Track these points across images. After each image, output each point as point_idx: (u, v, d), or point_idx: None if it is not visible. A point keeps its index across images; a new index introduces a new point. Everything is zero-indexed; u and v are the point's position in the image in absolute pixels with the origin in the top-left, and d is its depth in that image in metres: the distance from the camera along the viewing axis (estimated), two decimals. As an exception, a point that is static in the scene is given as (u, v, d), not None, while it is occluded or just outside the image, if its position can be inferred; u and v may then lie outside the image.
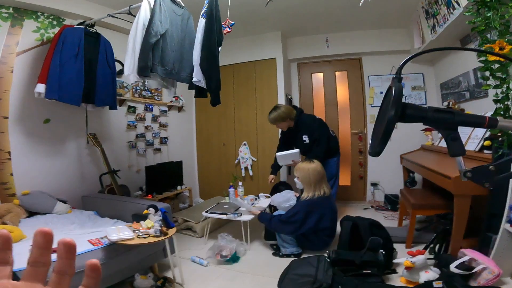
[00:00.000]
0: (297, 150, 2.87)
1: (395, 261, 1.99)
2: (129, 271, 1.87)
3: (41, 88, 2.22)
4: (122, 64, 3.02)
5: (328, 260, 1.77)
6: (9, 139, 2.28)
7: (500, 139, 1.78)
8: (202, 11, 2.10)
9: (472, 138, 2.19)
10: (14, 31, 2.33)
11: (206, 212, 2.74)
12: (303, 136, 2.92)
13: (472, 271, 1.56)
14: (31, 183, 2.37)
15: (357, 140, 4.09)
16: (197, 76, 2.12)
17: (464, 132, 2.35)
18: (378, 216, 3.25)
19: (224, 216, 2.64)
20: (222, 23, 2.25)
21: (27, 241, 1.73)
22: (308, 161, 2.48)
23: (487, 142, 1.88)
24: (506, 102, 1.77)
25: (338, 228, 2.39)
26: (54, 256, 0.29)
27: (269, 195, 3.09)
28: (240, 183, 3.11)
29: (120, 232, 1.72)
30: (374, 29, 3.80)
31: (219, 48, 2.19)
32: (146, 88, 3.52)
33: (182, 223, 2.97)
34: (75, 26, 2.48)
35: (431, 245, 2.06)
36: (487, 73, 1.86)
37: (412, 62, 3.81)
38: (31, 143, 2.43)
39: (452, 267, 1.60)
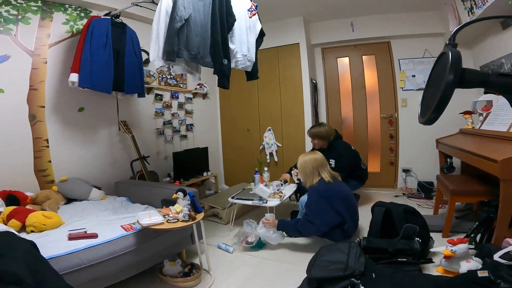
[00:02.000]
0: None
1: (432, 250, 1.88)
2: (159, 257, 1.89)
3: (74, 77, 2.30)
4: (148, 53, 3.07)
5: (359, 246, 1.71)
6: (46, 128, 2.39)
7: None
8: None
9: None
10: (44, 24, 2.40)
11: (232, 198, 2.73)
12: (331, 160, 2.89)
13: (520, 262, 1.43)
14: (68, 169, 2.49)
15: (387, 124, 3.91)
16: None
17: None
18: (411, 204, 3.09)
19: (249, 202, 2.62)
20: (248, 8, 2.19)
21: (65, 227, 1.80)
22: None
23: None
24: None
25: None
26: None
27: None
28: (266, 169, 3.09)
29: (150, 217, 1.73)
30: (403, 12, 3.59)
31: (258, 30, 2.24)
32: (172, 76, 3.55)
33: (208, 209, 3.00)
34: (102, 17, 2.53)
35: (472, 234, 1.92)
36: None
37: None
38: (67, 131, 2.53)
39: (496, 257, 1.48)
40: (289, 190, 2.88)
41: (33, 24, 2.33)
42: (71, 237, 1.64)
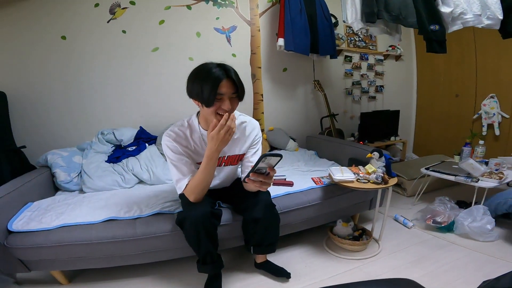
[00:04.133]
0: None
1: None
2: (334, 216, 1.89)
3: (281, 42, 2.64)
4: (336, 18, 3.11)
5: None
6: (262, 85, 2.89)
7: None
8: None
9: None
10: (252, -6, 2.71)
11: (427, 169, 2.37)
12: None
13: None
14: (273, 121, 2.95)
15: None
16: None
17: None
18: None
19: (451, 178, 2.17)
20: None
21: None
22: None
23: None
24: None
25: None
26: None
27: None
28: (481, 142, 2.46)
29: (343, 173, 1.72)
30: None
31: None
32: (360, 38, 3.43)
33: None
34: (293, -16, 2.64)
35: None
36: None
37: None
38: (275, 88, 2.97)
39: None
40: (513, 173, 2.18)
41: (244, -5, 2.67)
42: (274, 183, 1.78)
